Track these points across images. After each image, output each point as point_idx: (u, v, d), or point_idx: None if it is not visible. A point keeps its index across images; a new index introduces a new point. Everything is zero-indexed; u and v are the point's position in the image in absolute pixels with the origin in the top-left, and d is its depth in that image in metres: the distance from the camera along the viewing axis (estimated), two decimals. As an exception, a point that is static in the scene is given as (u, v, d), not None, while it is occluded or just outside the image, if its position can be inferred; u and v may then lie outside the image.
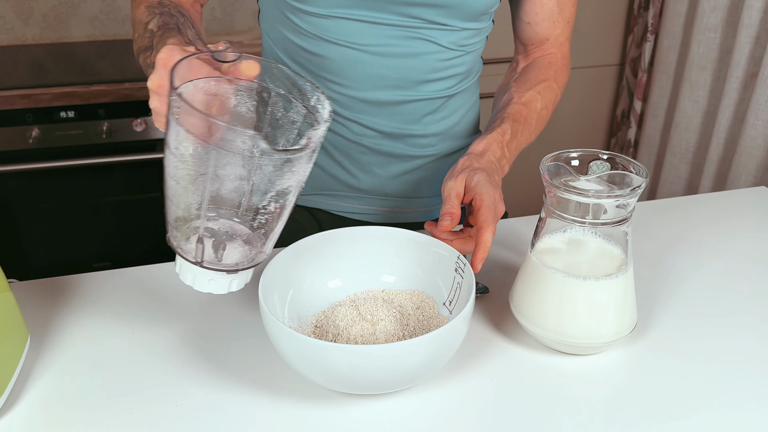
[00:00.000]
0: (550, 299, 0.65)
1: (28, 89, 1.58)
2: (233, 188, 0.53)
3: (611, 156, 0.66)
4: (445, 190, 0.71)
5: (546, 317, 0.66)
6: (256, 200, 0.54)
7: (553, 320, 0.65)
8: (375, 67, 0.82)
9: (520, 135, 0.83)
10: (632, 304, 0.67)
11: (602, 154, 0.66)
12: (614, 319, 0.65)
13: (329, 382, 0.60)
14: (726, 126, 1.73)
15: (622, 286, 0.65)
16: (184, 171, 0.52)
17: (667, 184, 1.98)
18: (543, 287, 0.66)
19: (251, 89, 0.58)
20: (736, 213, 0.97)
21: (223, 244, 0.57)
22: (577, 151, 0.67)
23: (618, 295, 0.65)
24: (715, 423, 0.60)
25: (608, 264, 0.65)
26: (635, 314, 0.68)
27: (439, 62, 0.84)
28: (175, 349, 0.69)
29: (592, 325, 0.64)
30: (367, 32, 0.80)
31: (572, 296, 0.64)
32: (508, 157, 0.80)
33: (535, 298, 0.66)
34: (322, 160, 0.91)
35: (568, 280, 0.64)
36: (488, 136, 0.79)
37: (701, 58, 1.78)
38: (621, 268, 0.65)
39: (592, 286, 0.64)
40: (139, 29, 0.74)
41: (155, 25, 0.71)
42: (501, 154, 0.78)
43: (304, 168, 0.53)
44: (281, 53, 0.87)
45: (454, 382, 0.65)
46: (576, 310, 0.64)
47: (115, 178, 1.71)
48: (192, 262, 0.56)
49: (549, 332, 0.66)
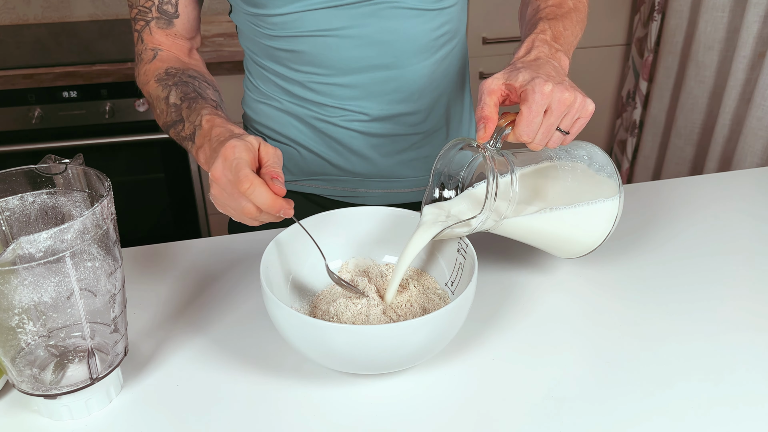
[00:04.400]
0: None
1: (30, 69, 1.57)
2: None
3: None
4: (480, 90, 0.64)
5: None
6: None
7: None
8: (351, 50, 0.81)
9: (563, 29, 0.74)
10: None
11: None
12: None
13: (331, 362, 0.60)
14: (732, 107, 1.72)
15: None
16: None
17: (672, 165, 1.97)
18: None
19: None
20: (740, 193, 0.96)
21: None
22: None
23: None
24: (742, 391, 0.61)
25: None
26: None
27: (416, 28, 0.82)
28: (176, 329, 0.69)
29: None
30: (333, 17, 0.79)
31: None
32: (561, 49, 0.71)
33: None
34: (315, 145, 0.90)
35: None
36: (526, 39, 0.71)
37: (708, 37, 1.76)
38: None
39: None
40: (160, 105, 0.76)
41: (176, 97, 0.74)
42: (549, 48, 0.69)
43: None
44: (263, 59, 0.87)
45: (455, 361, 0.65)
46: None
47: (118, 158, 1.71)
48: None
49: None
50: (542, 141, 0.62)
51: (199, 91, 0.75)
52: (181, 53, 0.84)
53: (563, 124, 0.62)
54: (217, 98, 0.76)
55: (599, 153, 0.73)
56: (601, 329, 0.69)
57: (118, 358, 0.60)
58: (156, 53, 0.82)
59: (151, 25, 0.82)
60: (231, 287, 0.76)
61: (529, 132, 0.61)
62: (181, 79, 0.77)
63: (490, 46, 1.94)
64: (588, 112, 0.63)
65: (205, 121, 0.68)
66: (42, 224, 0.60)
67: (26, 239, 0.49)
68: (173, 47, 0.83)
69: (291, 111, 0.89)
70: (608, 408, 0.60)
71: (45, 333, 0.56)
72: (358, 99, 0.85)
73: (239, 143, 0.60)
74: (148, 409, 0.60)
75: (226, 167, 0.59)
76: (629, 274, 0.78)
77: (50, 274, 0.52)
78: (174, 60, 0.81)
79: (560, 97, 0.60)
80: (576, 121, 0.63)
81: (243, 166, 0.58)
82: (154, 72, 0.79)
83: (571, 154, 0.70)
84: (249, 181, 0.57)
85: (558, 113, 0.61)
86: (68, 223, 0.51)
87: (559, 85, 0.61)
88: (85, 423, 0.58)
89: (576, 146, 0.72)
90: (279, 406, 0.60)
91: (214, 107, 0.72)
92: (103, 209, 0.54)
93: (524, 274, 0.78)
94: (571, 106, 0.61)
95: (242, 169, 0.58)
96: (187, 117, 0.71)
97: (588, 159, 0.71)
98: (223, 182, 0.60)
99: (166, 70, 0.78)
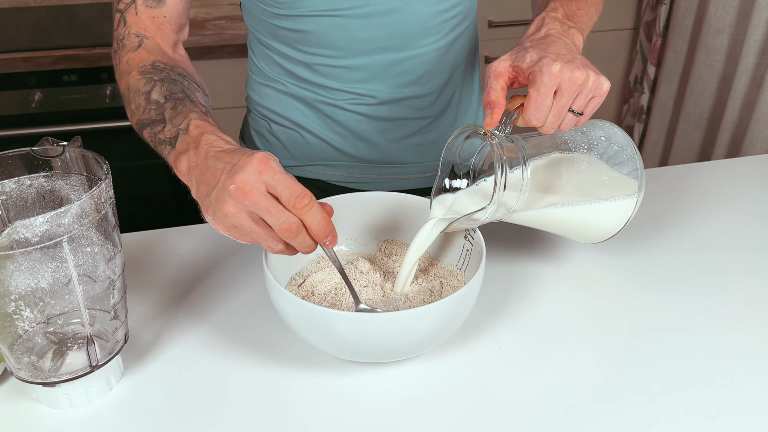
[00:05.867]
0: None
1: (30, 52, 1.56)
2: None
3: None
4: (486, 73, 0.61)
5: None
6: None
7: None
8: (359, 30, 0.79)
9: (577, 9, 0.71)
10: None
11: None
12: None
13: (336, 350, 0.59)
14: (742, 92, 1.69)
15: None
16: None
17: (680, 152, 1.95)
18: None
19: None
20: (750, 180, 0.94)
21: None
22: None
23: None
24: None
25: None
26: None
27: (426, 9, 0.79)
28: (178, 316, 0.68)
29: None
30: None
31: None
32: (575, 26, 0.67)
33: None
34: (319, 130, 0.88)
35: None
36: (537, 17, 0.68)
37: (719, 21, 1.73)
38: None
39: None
40: (138, 99, 0.67)
41: (160, 95, 0.65)
42: (561, 24, 0.66)
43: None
44: (269, 39, 0.84)
45: (462, 350, 0.64)
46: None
47: (119, 143, 1.70)
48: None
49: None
50: (554, 124, 0.59)
51: (188, 92, 0.67)
52: (166, 45, 0.75)
53: (576, 104, 0.59)
54: (207, 103, 0.69)
55: (619, 133, 0.68)
56: (610, 320, 0.68)
57: (118, 346, 0.58)
58: (141, 41, 0.73)
59: (138, 4, 0.74)
60: (234, 273, 0.74)
61: (538, 115, 0.58)
62: (169, 75, 0.68)
63: (496, 29, 1.91)
64: (603, 91, 0.60)
65: (194, 127, 0.59)
66: (39, 208, 0.58)
67: (22, 223, 0.47)
68: (158, 36, 0.75)
69: (296, 94, 0.87)
70: (616, 399, 0.59)
71: (43, 320, 0.55)
72: (365, 81, 0.83)
73: (271, 156, 0.53)
74: (149, 397, 0.59)
75: (261, 181, 0.52)
76: (638, 265, 0.77)
77: (47, 260, 0.50)
78: (161, 53, 0.73)
79: (570, 76, 0.57)
80: (590, 101, 0.60)
81: (294, 180, 0.53)
82: (139, 63, 0.70)
83: (588, 136, 0.67)
84: (309, 196, 0.52)
85: (569, 94, 0.58)
86: (65, 207, 0.49)
87: (569, 63, 0.58)
88: (84, 411, 0.57)
89: (593, 126, 0.68)
90: (282, 394, 0.59)
91: (204, 113, 0.63)
92: (102, 193, 0.53)
93: (533, 263, 0.76)
94: (584, 86, 0.58)
95: (296, 183, 0.52)
96: (170, 119, 0.62)
97: (606, 141, 0.67)
98: (255, 197, 0.52)
99: (153, 64, 0.70)
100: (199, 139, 0.58)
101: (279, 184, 0.52)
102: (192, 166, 0.57)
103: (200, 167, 0.56)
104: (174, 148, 0.60)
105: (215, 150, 0.56)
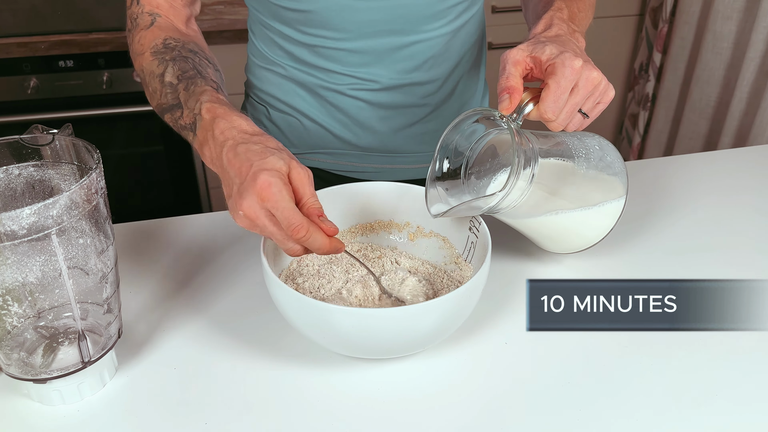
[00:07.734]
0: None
1: (25, 37, 1.53)
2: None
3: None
4: (502, 61, 0.61)
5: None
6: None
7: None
8: (364, 12, 0.76)
9: (578, 11, 0.72)
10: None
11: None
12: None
13: (337, 346, 0.57)
14: (750, 79, 1.67)
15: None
16: None
17: (685, 140, 1.93)
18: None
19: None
20: (756, 170, 0.92)
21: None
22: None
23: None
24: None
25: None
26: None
27: None
28: (174, 309, 0.66)
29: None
30: None
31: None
32: (578, 29, 0.68)
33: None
34: (319, 116, 0.86)
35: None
36: (543, 16, 0.68)
37: (726, 6, 1.70)
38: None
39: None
40: (153, 83, 0.68)
41: (173, 76, 0.66)
42: (568, 26, 0.67)
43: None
44: (270, 20, 0.82)
45: (467, 345, 0.62)
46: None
47: (116, 130, 1.68)
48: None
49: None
50: (564, 121, 0.59)
51: (199, 68, 0.67)
52: (179, 21, 0.76)
53: (585, 106, 0.60)
54: (218, 79, 0.69)
55: (608, 146, 0.69)
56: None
57: (112, 340, 0.57)
58: (154, 18, 0.74)
59: None
60: (231, 265, 0.72)
61: (554, 108, 0.58)
62: (180, 53, 0.69)
63: (500, 15, 1.88)
64: (609, 98, 0.61)
65: (205, 111, 0.61)
66: (29, 198, 0.56)
67: (7, 215, 0.45)
68: (171, 13, 0.76)
69: (296, 78, 0.84)
70: (623, 395, 0.57)
71: (33, 314, 0.53)
72: (368, 66, 0.81)
73: (274, 179, 0.53)
74: (144, 393, 0.57)
75: (264, 209, 0.54)
76: (643, 255, 0.75)
77: (35, 253, 0.48)
78: (173, 29, 0.73)
79: (589, 75, 0.58)
80: (596, 106, 0.61)
81: (293, 212, 0.53)
82: (151, 42, 0.71)
83: (583, 142, 0.66)
84: (305, 229, 0.54)
85: (585, 92, 0.58)
86: (53, 198, 0.47)
87: (588, 63, 0.58)
88: (77, 408, 0.56)
89: (585, 135, 0.68)
90: (280, 390, 0.58)
91: (215, 89, 0.64)
92: (92, 183, 0.51)
93: (538, 256, 0.75)
94: (597, 87, 0.59)
95: (293, 216, 0.53)
96: (185, 102, 0.63)
97: (599, 149, 0.67)
98: (262, 222, 0.54)
99: (165, 42, 0.70)
100: (212, 126, 0.59)
101: (277, 214, 0.54)
102: (214, 157, 0.59)
103: (217, 166, 0.59)
104: (196, 135, 0.62)
105: (228, 146, 0.57)
